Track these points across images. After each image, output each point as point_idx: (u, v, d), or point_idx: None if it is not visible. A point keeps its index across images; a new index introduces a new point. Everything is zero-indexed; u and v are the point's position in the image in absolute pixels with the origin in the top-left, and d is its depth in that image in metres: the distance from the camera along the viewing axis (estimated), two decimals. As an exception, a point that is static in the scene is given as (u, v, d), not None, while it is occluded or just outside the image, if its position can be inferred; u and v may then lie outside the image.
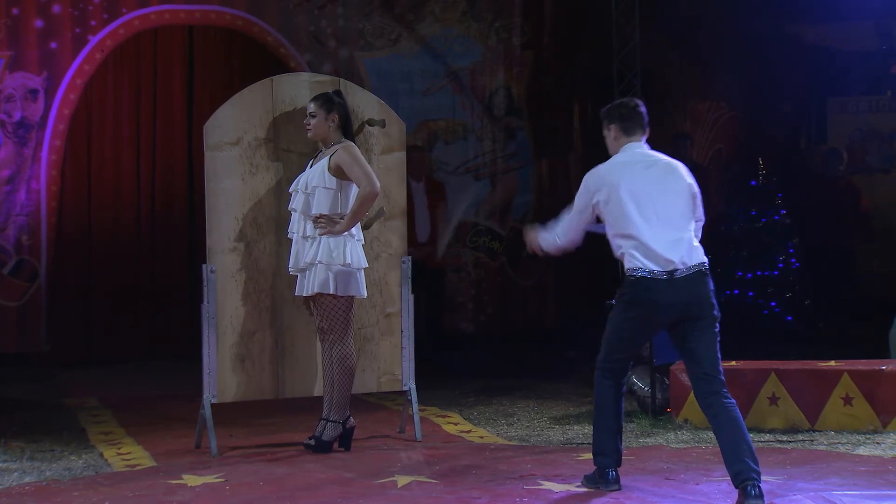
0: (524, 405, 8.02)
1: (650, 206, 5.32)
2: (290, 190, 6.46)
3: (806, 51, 11.91)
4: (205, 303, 6.49)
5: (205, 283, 6.49)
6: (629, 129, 5.51)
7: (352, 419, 6.54)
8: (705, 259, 5.35)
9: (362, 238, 6.48)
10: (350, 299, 6.38)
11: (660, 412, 7.33)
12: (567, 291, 11.62)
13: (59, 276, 10.04)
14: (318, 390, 6.65)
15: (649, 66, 9.65)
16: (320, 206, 6.32)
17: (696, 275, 5.28)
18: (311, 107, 6.46)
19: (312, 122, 6.45)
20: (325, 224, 6.31)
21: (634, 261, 5.30)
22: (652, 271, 5.25)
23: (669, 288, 5.23)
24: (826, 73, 11.86)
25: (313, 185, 6.35)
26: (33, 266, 9.92)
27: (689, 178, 5.46)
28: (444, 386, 8.66)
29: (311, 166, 6.44)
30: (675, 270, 5.24)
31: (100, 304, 10.29)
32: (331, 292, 6.30)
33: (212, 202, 6.55)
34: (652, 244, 5.28)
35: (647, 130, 5.57)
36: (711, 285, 5.34)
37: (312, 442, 6.46)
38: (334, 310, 6.35)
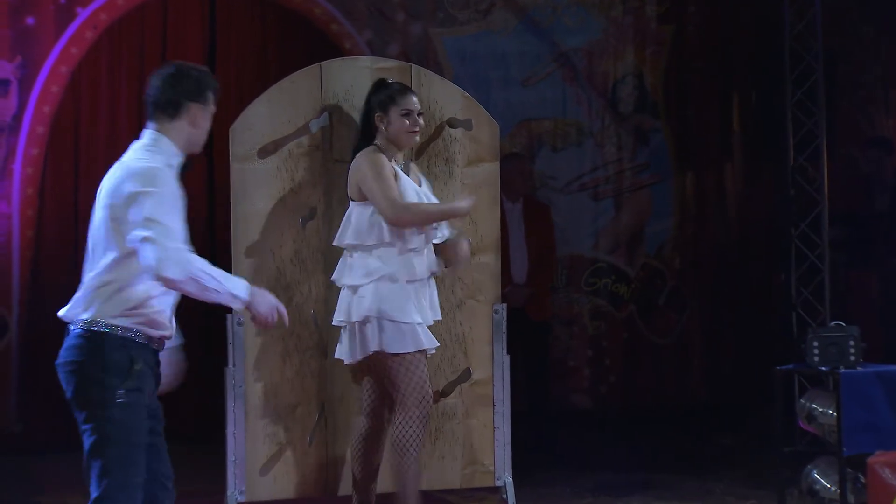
0: (661, 509, 8.01)
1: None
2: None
3: None
4: (230, 366, 6.53)
5: (230, 339, 6.52)
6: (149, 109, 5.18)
7: None
8: (84, 314, 5.07)
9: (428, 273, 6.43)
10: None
11: (853, 520, 7.29)
12: (720, 353, 11.55)
13: (37, 330, 9.97)
14: (381, 486, 6.59)
15: (834, 44, 9.57)
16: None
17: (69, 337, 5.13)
18: (417, 102, 6.46)
19: (420, 122, 6.49)
20: None
21: None
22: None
23: None
24: None
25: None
26: (2, 318, 10.00)
27: (117, 191, 5.11)
28: (551, 481, 8.65)
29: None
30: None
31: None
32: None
33: (240, 230, 6.60)
34: None
35: (168, 111, 5.09)
36: (89, 354, 5.13)
37: None
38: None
